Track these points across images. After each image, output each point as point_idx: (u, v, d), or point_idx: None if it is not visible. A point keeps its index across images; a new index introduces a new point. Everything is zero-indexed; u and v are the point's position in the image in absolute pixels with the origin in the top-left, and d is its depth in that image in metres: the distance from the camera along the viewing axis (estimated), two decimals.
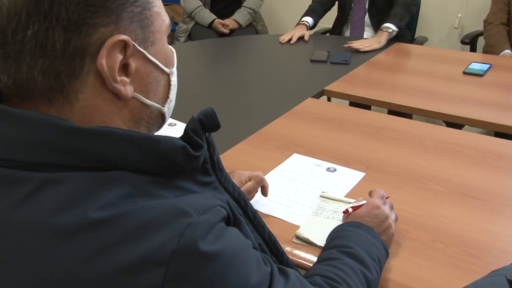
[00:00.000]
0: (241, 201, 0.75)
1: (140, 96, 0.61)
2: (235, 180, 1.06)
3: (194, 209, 0.55)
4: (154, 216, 0.52)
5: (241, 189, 0.81)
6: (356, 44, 2.35)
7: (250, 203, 0.77)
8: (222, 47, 2.60)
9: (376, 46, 2.34)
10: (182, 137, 0.63)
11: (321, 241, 0.98)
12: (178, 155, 0.59)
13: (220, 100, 1.84)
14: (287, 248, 1.00)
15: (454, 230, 1.04)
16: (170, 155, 0.58)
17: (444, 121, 1.80)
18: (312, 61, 2.22)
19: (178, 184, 0.60)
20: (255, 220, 0.76)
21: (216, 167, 0.70)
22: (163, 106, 0.65)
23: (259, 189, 1.11)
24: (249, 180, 1.09)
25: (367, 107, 1.95)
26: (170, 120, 1.58)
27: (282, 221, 1.10)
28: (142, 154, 0.56)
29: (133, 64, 0.59)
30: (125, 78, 0.58)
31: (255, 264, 0.60)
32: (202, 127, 0.64)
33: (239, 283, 0.55)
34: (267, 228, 0.79)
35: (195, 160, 0.62)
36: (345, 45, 2.36)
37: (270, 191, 1.13)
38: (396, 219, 1.00)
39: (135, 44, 0.58)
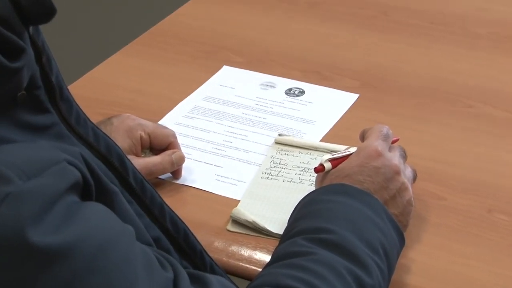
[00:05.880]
0: (113, 159, 0.75)
1: None
2: (121, 135, 1.07)
3: (16, 168, 0.56)
4: None
5: (139, 165, 0.83)
6: None
7: (132, 164, 0.78)
8: None
9: None
10: None
11: (277, 224, 1.01)
12: None
13: None
14: (216, 243, 1.02)
15: None
16: None
17: None
18: None
19: None
20: (143, 195, 0.78)
21: (57, 96, 0.70)
22: None
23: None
24: (150, 139, 1.10)
25: None
26: None
27: (205, 195, 1.12)
28: None
29: None
30: None
31: (143, 265, 0.62)
32: (20, 13, 0.63)
33: None
34: (170, 209, 0.81)
35: (11, 77, 0.62)
36: None
37: (181, 139, 1.15)
38: (415, 177, 1.02)
39: None
